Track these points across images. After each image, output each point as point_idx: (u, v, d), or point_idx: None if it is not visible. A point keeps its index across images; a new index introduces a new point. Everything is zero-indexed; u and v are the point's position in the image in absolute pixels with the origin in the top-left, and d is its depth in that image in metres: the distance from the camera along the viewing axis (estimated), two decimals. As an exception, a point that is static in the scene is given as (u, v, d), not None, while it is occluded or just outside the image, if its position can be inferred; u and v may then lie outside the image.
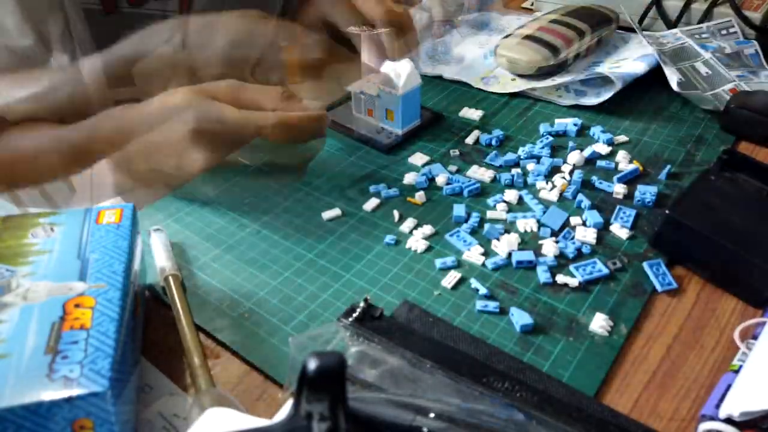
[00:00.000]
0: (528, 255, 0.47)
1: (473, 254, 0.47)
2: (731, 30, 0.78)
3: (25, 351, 0.32)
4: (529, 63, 0.70)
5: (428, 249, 0.49)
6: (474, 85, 0.72)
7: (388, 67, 0.60)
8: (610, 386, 0.38)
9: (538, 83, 0.70)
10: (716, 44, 0.75)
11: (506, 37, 0.75)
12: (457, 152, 0.60)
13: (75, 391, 0.30)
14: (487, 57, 0.78)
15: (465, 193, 0.54)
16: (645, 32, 0.76)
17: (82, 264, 0.38)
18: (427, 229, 0.50)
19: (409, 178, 0.56)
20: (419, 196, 0.54)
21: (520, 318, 0.42)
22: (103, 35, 0.63)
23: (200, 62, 0.55)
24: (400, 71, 0.59)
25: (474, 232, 0.50)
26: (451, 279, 0.45)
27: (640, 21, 0.84)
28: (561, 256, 0.47)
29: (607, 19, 0.76)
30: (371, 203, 0.53)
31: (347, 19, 0.61)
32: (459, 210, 0.52)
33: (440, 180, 0.55)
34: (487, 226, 0.50)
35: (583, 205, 0.52)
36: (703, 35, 0.78)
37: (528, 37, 0.72)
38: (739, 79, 0.69)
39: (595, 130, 0.62)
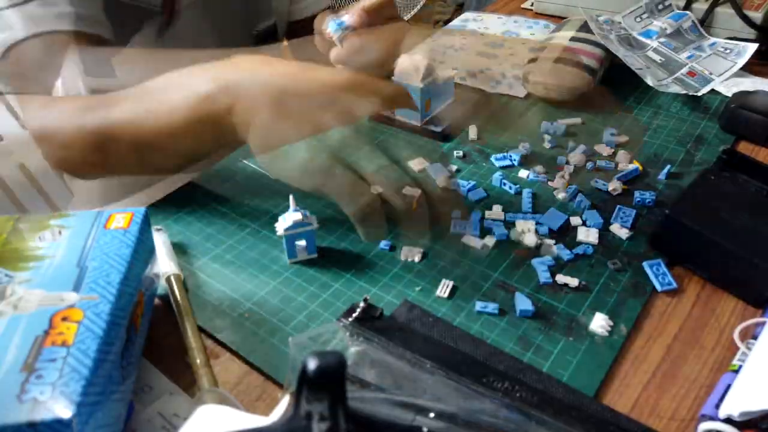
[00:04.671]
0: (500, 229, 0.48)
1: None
2: (666, 3, 0.80)
3: (2, 367, 0.31)
4: (572, 89, 0.65)
5: (425, 256, 0.48)
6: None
7: (406, 60, 0.59)
8: (609, 386, 0.38)
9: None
10: (657, 27, 0.77)
11: (531, 61, 0.68)
12: (460, 153, 0.60)
13: (40, 416, 0.29)
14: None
15: (469, 196, 0.54)
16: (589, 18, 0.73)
17: (80, 272, 0.36)
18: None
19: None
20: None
21: (521, 303, 0.42)
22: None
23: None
24: (418, 64, 0.59)
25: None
26: (445, 288, 0.45)
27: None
28: (559, 258, 0.47)
29: None
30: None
31: None
32: (475, 217, 0.51)
33: (440, 181, 0.55)
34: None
35: (583, 205, 0.52)
36: (643, 15, 0.79)
37: (561, 60, 0.66)
38: (690, 60, 0.73)
39: (596, 130, 0.62)
